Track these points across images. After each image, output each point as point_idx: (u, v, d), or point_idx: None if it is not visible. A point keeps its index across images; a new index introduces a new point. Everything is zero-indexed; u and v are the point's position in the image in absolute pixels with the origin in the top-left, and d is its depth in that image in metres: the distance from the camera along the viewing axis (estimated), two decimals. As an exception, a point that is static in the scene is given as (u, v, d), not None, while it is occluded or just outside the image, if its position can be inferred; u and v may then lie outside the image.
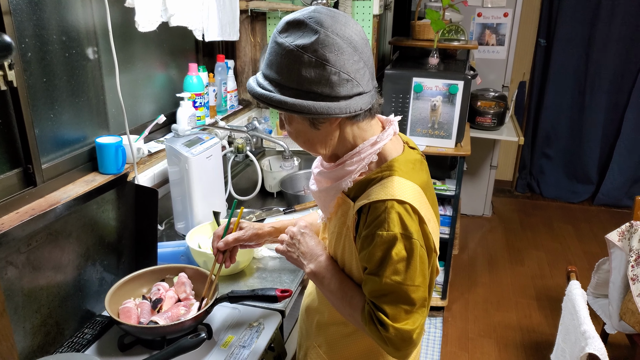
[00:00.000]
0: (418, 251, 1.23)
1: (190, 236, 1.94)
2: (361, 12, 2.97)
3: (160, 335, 1.52)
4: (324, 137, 1.30)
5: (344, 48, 1.17)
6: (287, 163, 2.68)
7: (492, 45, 4.84)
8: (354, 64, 1.19)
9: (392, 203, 1.22)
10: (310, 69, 1.16)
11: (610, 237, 2.86)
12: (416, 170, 1.33)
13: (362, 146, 1.31)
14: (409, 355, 1.31)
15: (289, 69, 1.18)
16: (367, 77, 1.23)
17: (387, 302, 1.25)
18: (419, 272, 1.24)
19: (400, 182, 1.26)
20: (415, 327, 1.25)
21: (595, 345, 1.78)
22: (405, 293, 1.23)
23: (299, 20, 1.19)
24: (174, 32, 2.29)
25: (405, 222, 1.22)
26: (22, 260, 1.42)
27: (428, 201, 1.31)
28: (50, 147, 1.79)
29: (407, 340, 1.25)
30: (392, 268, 1.23)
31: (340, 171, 1.34)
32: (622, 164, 5.46)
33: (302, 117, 1.25)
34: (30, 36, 1.64)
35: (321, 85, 1.17)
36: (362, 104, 1.23)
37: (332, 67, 1.16)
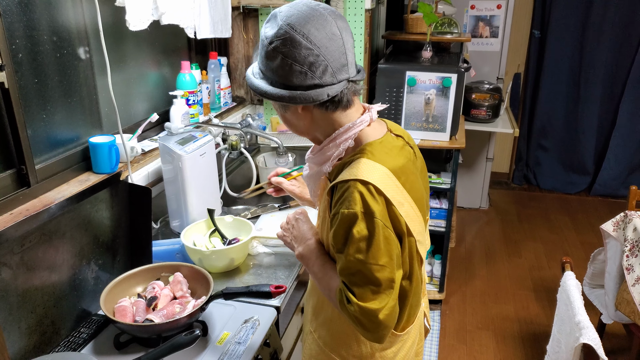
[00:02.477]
0: (381, 231, 1.26)
1: (185, 234, 1.94)
2: (353, 7, 2.96)
3: (155, 333, 1.52)
4: (296, 119, 1.39)
5: (299, 43, 1.25)
6: (281, 159, 2.68)
7: (486, 37, 4.84)
8: (308, 57, 1.25)
9: (355, 183, 1.28)
10: (270, 59, 1.29)
11: (605, 227, 2.87)
12: (391, 154, 1.37)
13: (337, 132, 1.38)
14: (381, 338, 1.33)
15: (261, 55, 1.33)
16: (327, 72, 1.28)
17: (354, 282, 1.29)
18: (384, 251, 1.27)
19: (366, 164, 1.31)
20: (381, 306, 1.27)
21: (589, 335, 1.79)
22: (369, 272, 1.27)
23: (273, 12, 1.33)
24: (165, 30, 2.29)
25: (367, 202, 1.26)
26: (16, 261, 1.42)
27: (404, 186, 1.34)
28: (43, 148, 1.79)
29: (373, 320, 1.28)
30: (354, 246, 1.27)
31: (322, 156, 1.43)
32: (618, 154, 5.47)
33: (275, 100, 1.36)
34: (20, 37, 1.64)
35: (276, 72, 1.29)
36: (317, 96, 1.29)
37: (285, 58, 1.26)
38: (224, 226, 2.06)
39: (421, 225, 1.42)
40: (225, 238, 2.00)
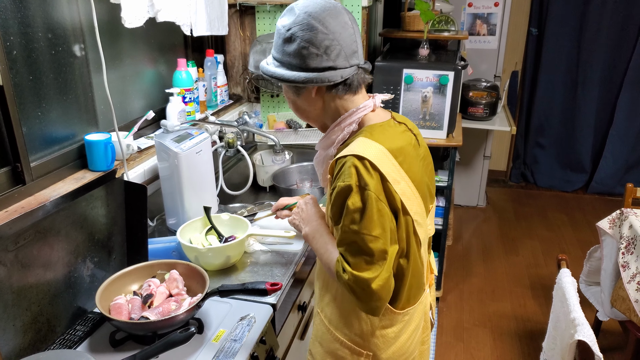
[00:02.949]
0: (374, 203, 1.33)
1: (181, 232, 1.94)
2: (350, 4, 2.96)
3: (151, 331, 1.52)
4: (307, 105, 1.50)
5: (316, 28, 1.37)
6: (278, 157, 2.68)
7: (484, 35, 4.84)
8: (324, 41, 1.38)
9: (351, 158, 1.36)
10: (287, 44, 1.41)
11: (601, 225, 2.87)
12: (389, 136, 1.45)
13: (343, 116, 1.49)
14: (375, 310, 1.39)
15: (278, 44, 1.45)
16: (341, 55, 1.40)
17: (349, 252, 1.36)
18: (377, 223, 1.33)
19: (363, 141, 1.40)
20: (374, 276, 1.33)
21: (584, 332, 1.79)
22: (363, 242, 1.33)
23: (291, 6, 1.43)
24: (161, 27, 2.28)
25: (362, 175, 1.33)
26: (11, 259, 1.42)
27: (401, 166, 1.41)
28: (38, 145, 1.78)
29: (365, 289, 1.33)
30: (349, 217, 1.35)
31: (327, 140, 1.54)
32: (615, 152, 5.48)
33: (287, 86, 1.49)
34: (15, 34, 1.64)
35: (294, 57, 1.41)
36: (332, 77, 1.41)
37: (302, 41, 1.38)
38: (220, 224, 2.06)
39: (420, 207, 1.47)
40: (221, 236, 2.00)
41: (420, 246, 1.50)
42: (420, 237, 1.48)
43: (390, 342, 1.56)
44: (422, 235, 1.50)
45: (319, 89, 1.45)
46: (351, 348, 1.57)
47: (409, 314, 1.55)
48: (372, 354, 1.56)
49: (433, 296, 1.78)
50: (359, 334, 1.55)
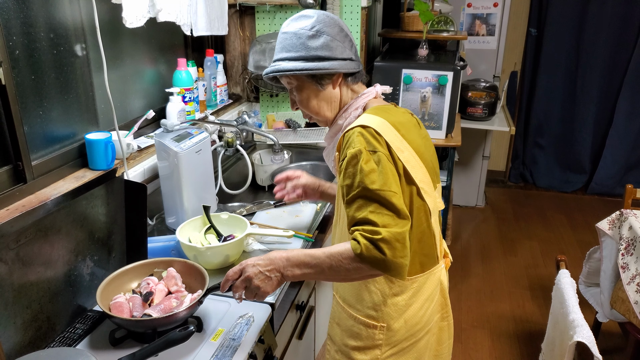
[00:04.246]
0: (386, 163, 1.41)
1: (180, 231, 1.95)
2: (350, 4, 2.97)
3: (152, 328, 1.53)
4: (328, 96, 1.62)
5: (334, 25, 1.57)
6: (277, 156, 2.69)
7: (483, 35, 4.84)
8: (344, 37, 1.58)
9: (357, 128, 1.46)
10: (313, 40, 1.54)
11: (601, 225, 2.88)
12: (391, 113, 1.55)
13: (349, 103, 1.64)
14: (405, 268, 1.38)
15: (297, 44, 1.56)
16: (354, 49, 1.62)
17: (373, 213, 1.37)
18: (393, 180, 1.41)
19: (366, 116, 1.51)
20: (403, 230, 1.37)
21: (583, 333, 1.80)
22: (385, 200, 1.37)
23: (299, 15, 1.61)
24: (162, 27, 2.29)
25: (369, 140, 1.43)
26: (12, 257, 1.43)
27: (404, 137, 1.50)
28: (39, 144, 1.79)
29: (401, 241, 1.35)
30: (368, 178, 1.39)
31: (335, 127, 1.68)
32: (615, 152, 5.49)
33: (311, 80, 1.59)
34: (17, 34, 1.65)
35: (324, 49, 1.54)
36: (354, 66, 1.60)
37: (328, 35, 1.54)
38: (220, 223, 2.06)
39: (426, 177, 1.54)
40: (220, 235, 2.01)
41: (430, 215, 1.54)
42: (429, 205, 1.53)
43: (401, 310, 1.58)
44: (431, 204, 1.55)
45: (336, 79, 1.60)
46: (365, 323, 1.61)
47: (417, 281, 1.58)
48: (386, 325, 1.59)
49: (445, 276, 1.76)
50: (372, 306, 1.59)
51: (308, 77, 1.58)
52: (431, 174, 1.58)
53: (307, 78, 1.59)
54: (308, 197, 2.06)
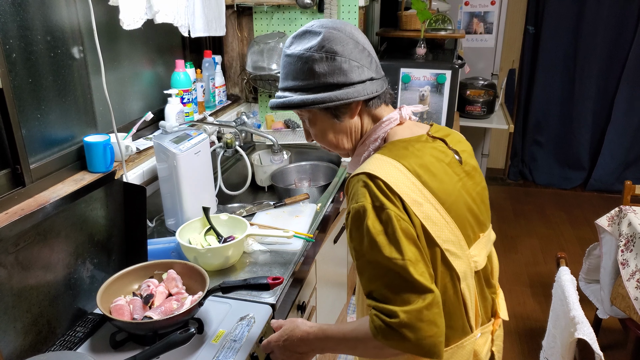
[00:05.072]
0: (397, 223, 1.17)
1: (180, 232, 1.94)
2: (347, 4, 2.97)
3: (153, 330, 1.52)
4: (347, 127, 1.38)
5: (347, 40, 1.29)
6: (276, 157, 2.69)
7: (480, 33, 4.85)
8: (360, 52, 1.30)
9: (361, 176, 1.24)
10: (322, 64, 1.28)
11: (600, 222, 2.88)
12: (413, 152, 1.30)
13: (368, 132, 1.39)
14: (440, 345, 1.17)
15: (303, 71, 1.31)
16: (374, 65, 1.34)
17: (387, 287, 1.18)
18: (406, 244, 1.17)
19: (377, 159, 1.28)
20: (425, 304, 1.14)
21: (584, 330, 1.80)
22: (400, 269, 1.16)
23: (303, 31, 1.34)
24: (159, 29, 2.29)
25: (375, 195, 1.20)
26: (11, 261, 1.42)
27: (425, 185, 1.25)
28: (38, 147, 1.79)
29: (425, 319, 1.14)
30: (375, 244, 1.18)
31: (355, 158, 1.44)
32: (614, 149, 5.48)
33: (325, 112, 1.35)
34: (14, 37, 1.65)
35: (335, 75, 1.28)
36: (376, 87, 1.33)
37: (340, 56, 1.28)
38: (219, 224, 2.06)
39: (455, 234, 1.27)
40: (220, 236, 2.01)
41: (459, 281, 1.29)
42: (457, 270, 1.27)
43: None
44: (461, 268, 1.28)
45: (357, 106, 1.34)
46: None
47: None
48: None
49: (499, 346, 1.53)
50: None
51: (321, 109, 1.33)
52: (466, 223, 1.32)
53: (320, 110, 1.35)
54: None
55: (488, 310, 1.45)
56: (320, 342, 1.38)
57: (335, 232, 2.71)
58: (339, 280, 2.96)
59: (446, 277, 1.26)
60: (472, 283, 1.33)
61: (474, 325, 1.36)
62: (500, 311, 1.50)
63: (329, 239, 2.57)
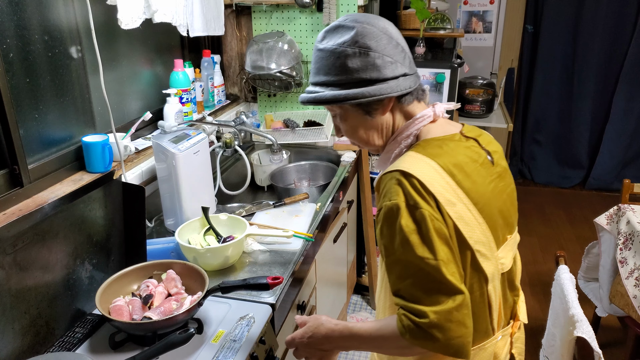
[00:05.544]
0: (431, 223, 1.16)
1: (179, 232, 1.94)
2: (346, 3, 2.96)
3: (152, 331, 1.52)
4: (379, 123, 1.35)
5: (380, 35, 1.27)
6: (276, 156, 2.68)
7: (479, 32, 4.85)
8: (394, 47, 1.28)
9: (396, 173, 1.22)
10: (355, 59, 1.26)
11: (599, 220, 2.88)
12: (447, 150, 1.29)
13: (400, 129, 1.36)
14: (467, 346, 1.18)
15: (336, 66, 1.29)
16: (407, 60, 1.32)
17: (416, 287, 1.18)
18: (439, 245, 1.16)
19: (412, 156, 1.27)
20: (455, 305, 1.15)
21: (583, 328, 1.80)
22: (431, 269, 1.16)
23: (335, 25, 1.32)
24: (158, 28, 2.28)
25: (410, 193, 1.19)
26: (9, 261, 1.42)
27: (459, 185, 1.23)
28: (36, 147, 1.79)
29: (455, 320, 1.14)
30: (407, 243, 1.17)
31: (385, 155, 1.41)
32: (612, 147, 5.49)
33: (356, 108, 1.33)
34: (11, 37, 1.64)
35: (368, 70, 1.26)
36: (409, 83, 1.30)
37: (374, 52, 1.25)
38: (219, 224, 2.06)
39: (486, 235, 1.25)
40: (220, 236, 2.00)
41: (486, 283, 1.27)
42: (486, 271, 1.26)
43: None
44: (490, 269, 1.27)
45: (389, 102, 1.32)
46: None
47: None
48: None
49: (520, 348, 1.51)
50: None
51: (353, 105, 1.32)
52: (496, 225, 1.30)
53: (351, 106, 1.33)
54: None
55: (508, 313, 1.44)
56: (344, 340, 1.37)
57: (334, 232, 2.71)
58: (338, 280, 2.96)
59: (474, 278, 1.26)
60: (498, 285, 1.32)
61: (496, 327, 1.36)
62: (520, 314, 1.48)
63: (328, 238, 2.57)
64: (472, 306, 1.22)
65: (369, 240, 3.35)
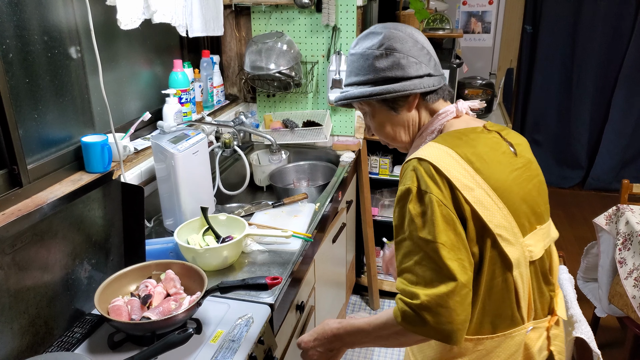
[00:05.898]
0: (437, 207, 1.22)
1: (178, 232, 1.94)
2: (345, 3, 2.96)
3: (151, 331, 1.52)
4: (405, 120, 1.45)
5: (406, 39, 1.39)
6: (275, 157, 2.69)
7: (478, 33, 4.85)
8: (419, 50, 1.39)
9: (413, 160, 1.30)
10: (382, 60, 1.38)
11: (598, 221, 2.88)
12: (466, 141, 1.34)
13: (425, 125, 1.45)
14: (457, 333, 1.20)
15: (364, 67, 1.42)
16: (432, 62, 1.42)
17: (418, 265, 1.23)
18: (442, 229, 1.21)
19: (430, 145, 1.33)
20: (448, 290, 1.18)
21: (582, 329, 1.80)
22: (432, 251, 1.20)
23: (366, 32, 1.45)
24: (157, 28, 2.28)
25: (423, 178, 1.25)
26: (8, 262, 1.42)
27: (478, 172, 1.28)
28: (35, 148, 1.79)
29: (446, 305, 1.18)
30: (412, 224, 1.24)
31: (412, 150, 1.45)
32: (611, 147, 5.49)
33: (383, 105, 1.44)
34: (11, 37, 1.64)
35: (394, 69, 1.37)
36: (433, 82, 1.40)
37: (399, 52, 1.37)
38: (218, 224, 2.06)
39: (507, 220, 1.28)
40: (218, 236, 2.00)
41: (511, 268, 1.29)
42: (510, 257, 1.28)
43: None
44: (514, 255, 1.29)
45: (413, 99, 1.41)
46: None
47: (483, 344, 1.34)
48: None
49: (559, 347, 1.47)
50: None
51: (379, 101, 1.42)
52: (520, 215, 1.32)
53: (378, 103, 1.43)
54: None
55: (545, 307, 1.43)
56: (350, 335, 1.45)
57: (333, 232, 2.71)
58: (337, 280, 2.96)
59: (496, 263, 1.28)
60: (525, 272, 1.33)
61: (525, 316, 1.36)
62: (557, 309, 1.46)
63: (327, 238, 2.57)
64: (495, 291, 1.29)
65: (368, 241, 3.35)
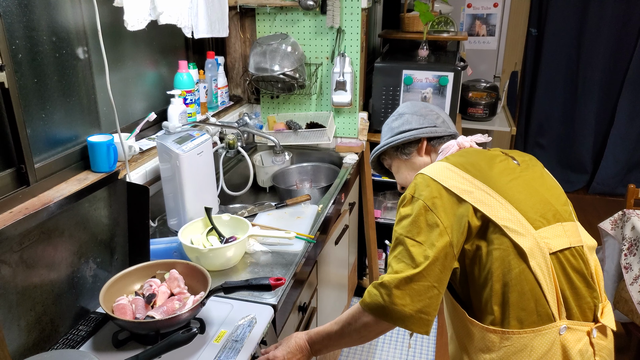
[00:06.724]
0: (422, 213, 1.40)
1: (182, 232, 1.96)
2: (349, 6, 2.97)
3: (155, 330, 1.53)
4: (418, 164, 1.72)
5: (417, 104, 1.79)
6: (278, 158, 2.69)
7: (483, 35, 4.86)
8: (428, 111, 1.75)
9: (417, 175, 1.51)
10: (396, 121, 1.77)
11: (603, 226, 2.88)
12: (463, 154, 1.57)
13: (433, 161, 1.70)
14: (410, 322, 1.37)
15: (386, 131, 1.81)
16: (440, 120, 1.74)
17: (396, 258, 1.42)
18: (423, 232, 1.39)
19: (433, 164, 1.56)
20: (409, 274, 1.35)
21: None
22: (406, 246, 1.40)
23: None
24: (163, 30, 2.30)
25: (418, 187, 1.45)
26: (16, 259, 1.43)
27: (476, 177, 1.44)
28: (42, 147, 1.80)
29: (403, 288, 1.36)
30: (400, 223, 1.45)
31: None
32: (617, 152, 5.47)
33: (397, 153, 1.77)
34: (20, 38, 1.66)
35: (403, 125, 1.74)
36: (437, 130, 1.71)
37: (408, 114, 1.76)
38: (221, 224, 2.07)
39: (511, 214, 1.38)
40: (222, 236, 2.02)
41: (526, 259, 1.35)
42: (522, 246, 1.35)
43: None
44: (526, 245, 1.35)
45: (423, 141, 1.71)
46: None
47: (511, 339, 1.36)
48: None
49: (608, 349, 1.46)
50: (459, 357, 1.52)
51: (394, 151, 1.76)
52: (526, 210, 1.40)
53: (393, 152, 1.77)
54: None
55: (585, 311, 1.41)
56: (321, 340, 1.58)
57: (336, 234, 2.72)
58: (340, 282, 2.97)
59: (510, 254, 1.37)
60: (545, 264, 1.36)
61: (555, 313, 1.36)
62: (602, 317, 1.43)
63: (330, 240, 2.58)
64: (513, 284, 1.35)
65: (370, 243, 3.36)
